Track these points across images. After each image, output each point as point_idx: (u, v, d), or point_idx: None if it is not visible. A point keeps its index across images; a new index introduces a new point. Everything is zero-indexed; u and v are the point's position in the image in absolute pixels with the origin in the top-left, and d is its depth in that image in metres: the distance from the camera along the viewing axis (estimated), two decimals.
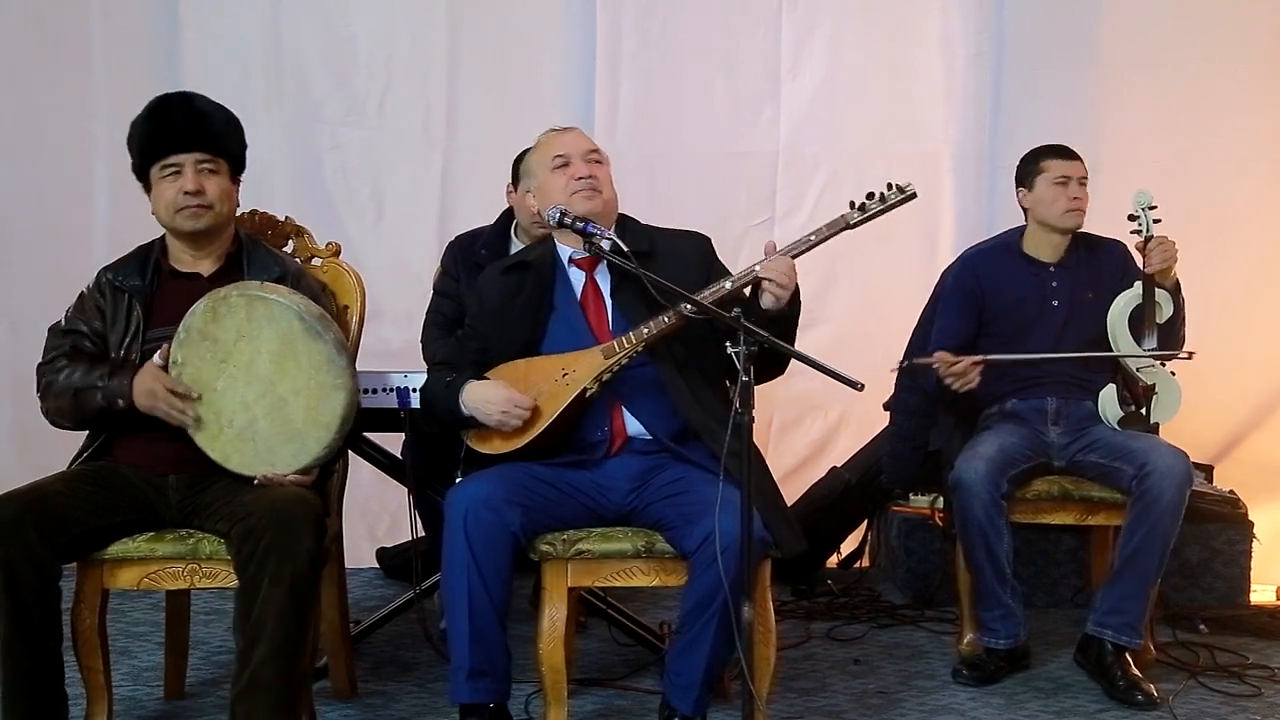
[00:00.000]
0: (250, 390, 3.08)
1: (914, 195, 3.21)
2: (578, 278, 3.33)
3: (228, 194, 3.27)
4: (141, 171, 3.26)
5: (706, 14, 5.22)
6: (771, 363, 3.13)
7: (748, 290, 3.14)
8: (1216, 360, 3.86)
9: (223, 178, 3.24)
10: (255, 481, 3.09)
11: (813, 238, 3.19)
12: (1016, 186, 4.08)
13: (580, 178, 3.26)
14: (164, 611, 3.63)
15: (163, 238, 3.32)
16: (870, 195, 3.21)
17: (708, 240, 3.42)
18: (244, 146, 3.33)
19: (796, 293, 3.12)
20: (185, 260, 3.28)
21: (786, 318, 3.14)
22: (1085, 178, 4.00)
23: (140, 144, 3.25)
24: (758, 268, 3.11)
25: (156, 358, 3.11)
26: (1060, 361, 3.92)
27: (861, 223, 3.21)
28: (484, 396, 3.17)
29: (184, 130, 3.21)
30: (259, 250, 3.35)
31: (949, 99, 5.24)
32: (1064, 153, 4.03)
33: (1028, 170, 4.06)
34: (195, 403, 3.08)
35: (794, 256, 3.14)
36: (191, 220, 3.19)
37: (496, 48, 5.18)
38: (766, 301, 3.09)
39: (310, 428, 3.08)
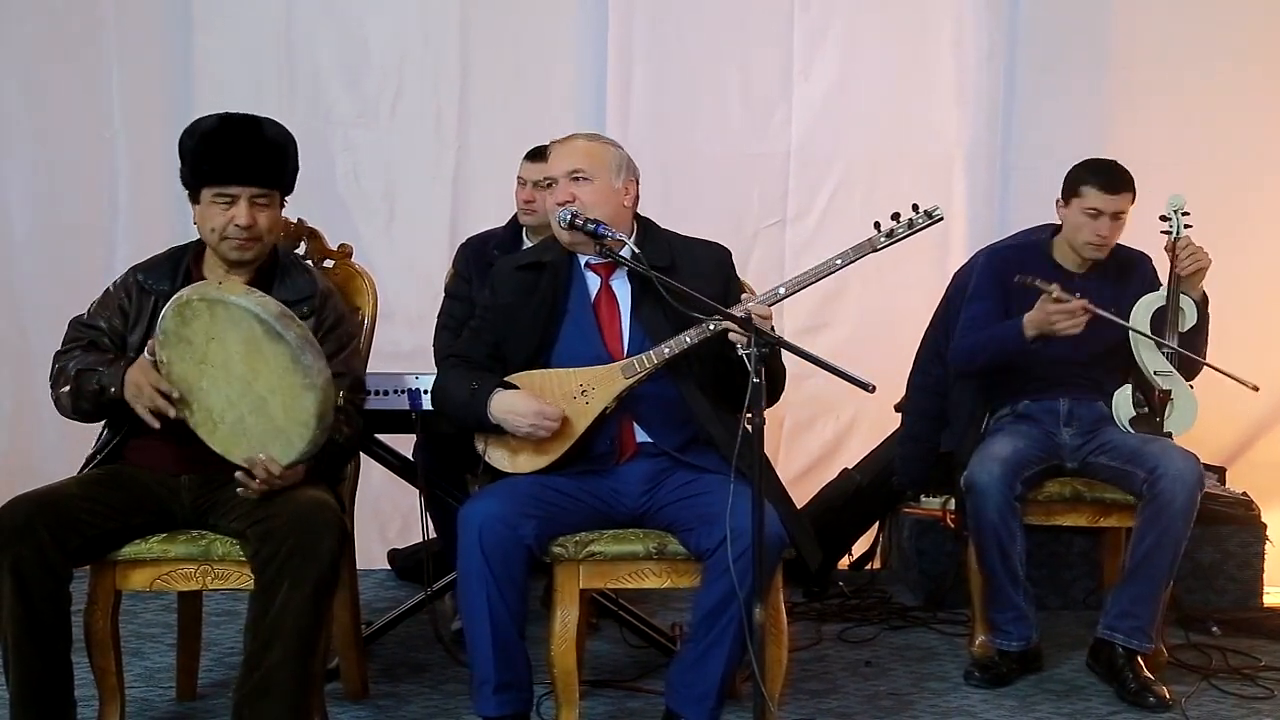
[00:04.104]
0: (231, 389, 3.00)
1: (940, 219, 3.22)
2: (593, 282, 3.30)
3: (276, 222, 3.26)
4: (191, 185, 3.19)
5: (719, 15, 5.21)
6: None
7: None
8: (1230, 362, 3.83)
9: (274, 209, 3.22)
10: (238, 475, 3.01)
11: (839, 261, 3.18)
12: (1061, 193, 3.96)
13: (561, 203, 3.20)
14: (176, 613, 3.64)
15: (198, 243, 3.28)
16: (895, 216, 3.19)
17: (728, 253, 3.37)
18: (297, 170, 3.29)
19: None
20: (218, 273, 3.21)
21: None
22: (1122, 213, 3.85)
23: (195, 163, 3.16)
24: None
25: (147, 352, 3.05)
26: (1074, 363, 3.89)
27: (887, 246, 3.21)
28: (512, 408, 3.14)
29: (244, 164, 3.14)
30: (292, 268, 3.30)
31: (961, 100, 5.22)
32: (1108, 182, 3.84)
33: (1070, 185, 3.91)
34: (179, 404, 3.00)
35: (812, 283, 3.17)
36: (238, 252, 3.16)
37: (509, 49, 5.18)
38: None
39: (291, 425, 2.99)
